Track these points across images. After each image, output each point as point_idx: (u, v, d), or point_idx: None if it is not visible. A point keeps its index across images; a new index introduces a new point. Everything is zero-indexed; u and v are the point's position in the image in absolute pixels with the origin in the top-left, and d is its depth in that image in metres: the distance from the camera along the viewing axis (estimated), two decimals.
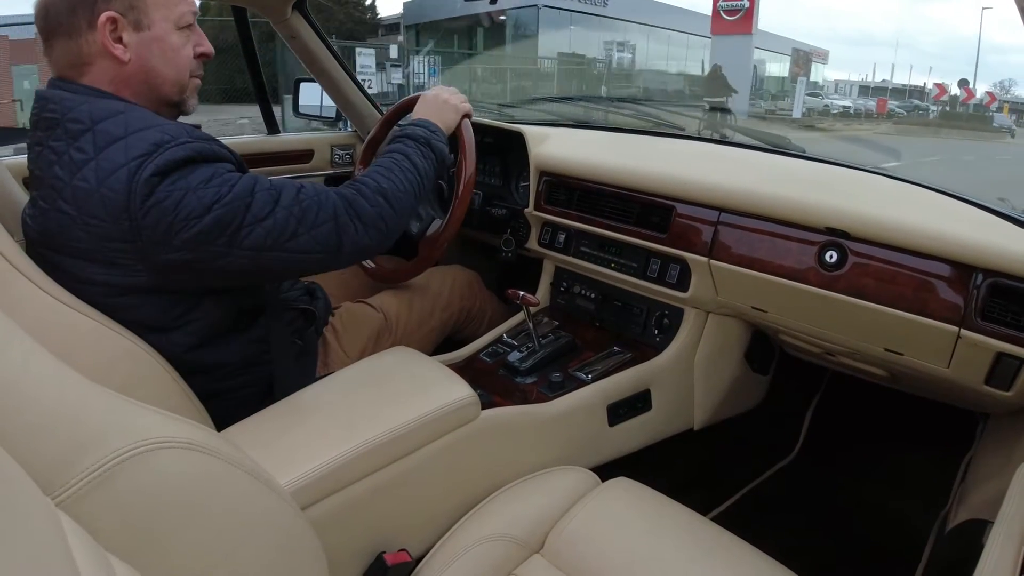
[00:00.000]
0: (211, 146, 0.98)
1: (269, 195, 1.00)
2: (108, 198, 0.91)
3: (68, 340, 0.92)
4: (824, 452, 1.90)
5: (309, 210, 1.03)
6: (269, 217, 0.99)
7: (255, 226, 0.98)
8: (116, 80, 1.00)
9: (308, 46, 1.88)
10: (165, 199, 0.91)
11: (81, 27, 0.96)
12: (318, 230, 1.04)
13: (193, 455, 0.59)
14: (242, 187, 0.98)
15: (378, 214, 1.12)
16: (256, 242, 0.98)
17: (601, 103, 2.25)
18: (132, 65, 1.00)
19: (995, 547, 0.66)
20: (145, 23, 1.00)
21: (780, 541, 1.11)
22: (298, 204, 1.02)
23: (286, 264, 1.03)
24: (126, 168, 0.91)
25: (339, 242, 1.06)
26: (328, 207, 1.06)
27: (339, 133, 2.24)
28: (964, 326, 1.10)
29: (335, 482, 0.94)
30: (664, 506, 1.11)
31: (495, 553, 1.01)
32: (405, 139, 1.28)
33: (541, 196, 1.73)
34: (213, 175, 0.96)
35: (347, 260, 1.12)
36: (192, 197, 0.93)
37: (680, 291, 1.49)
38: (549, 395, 1.35)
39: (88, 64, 0.98)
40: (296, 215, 1.02)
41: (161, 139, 0.93)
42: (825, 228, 1.24)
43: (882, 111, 25.63)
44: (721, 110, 5.43)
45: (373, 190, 1.13)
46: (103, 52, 0.98)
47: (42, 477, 0.47)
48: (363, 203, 1.11)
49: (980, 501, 1.18)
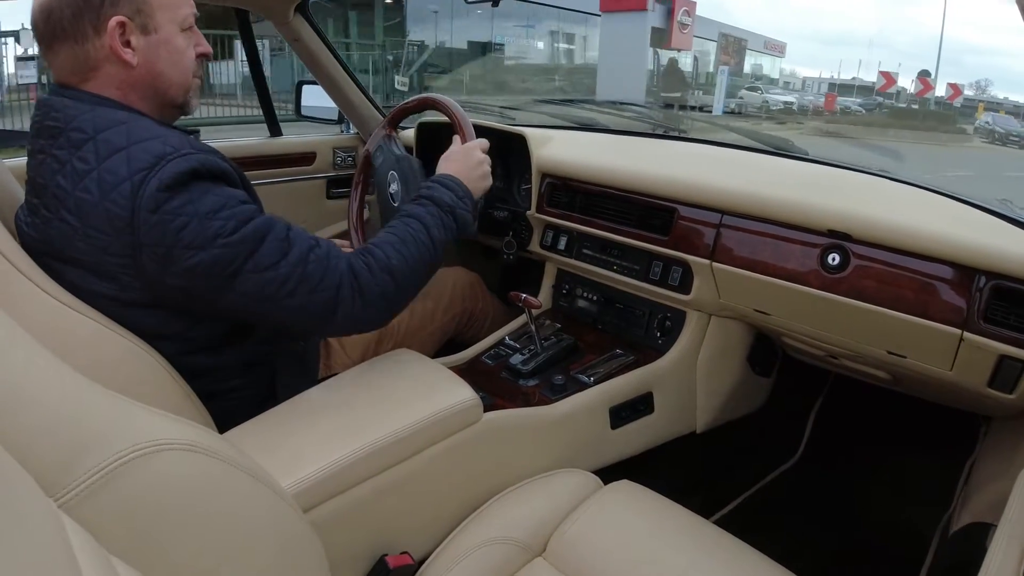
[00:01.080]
0: (214, 159, 0.96)
1: (278, 247, 0.97)
2: (112, 212, 0.90)
3: (70, 341, 0.92)
4: (827, 455, 1.90)
5: (314, 274, 0.99)
6: (271, 269, 0.96)
7: (254, 275, 0.95)
8: (123, 85, 0.99)
9: (310, 48, 1.88)
10: (171, 221, 0.90)
11: (87, 32, 0.95)
12: (317, 295, 1.00)
13: (195, 457, 0.59)
14: (252, 230, 0.95)
15: (382, 292, 1.06)
16: (251, 290, 0.95)
17: (604, 106, 2.24)
18: (140, 69, 0.98)
19: (998, 551, 0.66)
20: (151, 26, 0.99)
21: (782, 544, 1.11)
22: (304, 265, 0.98)
23: (275, 318, 1.01)
24: (129, 182, 0.89)
25: (334, 313, 1.02)
26: (334, 276, 1.01)
27: (341, 136, 2.24)
28: (967, 329, 1.10)
29: (337, 485, 0.94)
30: (666, 509, 1.11)
31: (497, 556, 1.01)
32: (429, 203, 1.17)
33: (543, 198, 1.73)
34: (224, 206, 0.93)
35: (338, 331, 1.09)
36: (197, 226, 0.90)
37: (682, 294, 1.49)
38: (551, 398, 1.35)
39: (95, 69, 0.97)
40: (299, 275, 0.98)
41: (163, 151, 0.91)
42: (827, 230, 1.24)
43: (830, 108, 24.11)
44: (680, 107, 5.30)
45: (382, 267, 1.07)
46: (111, 57, 0.96)
47: (44, 478, 0.47)
48: (369, 279, 1.05)
49: (983, 505, 1.17)
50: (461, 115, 1.41)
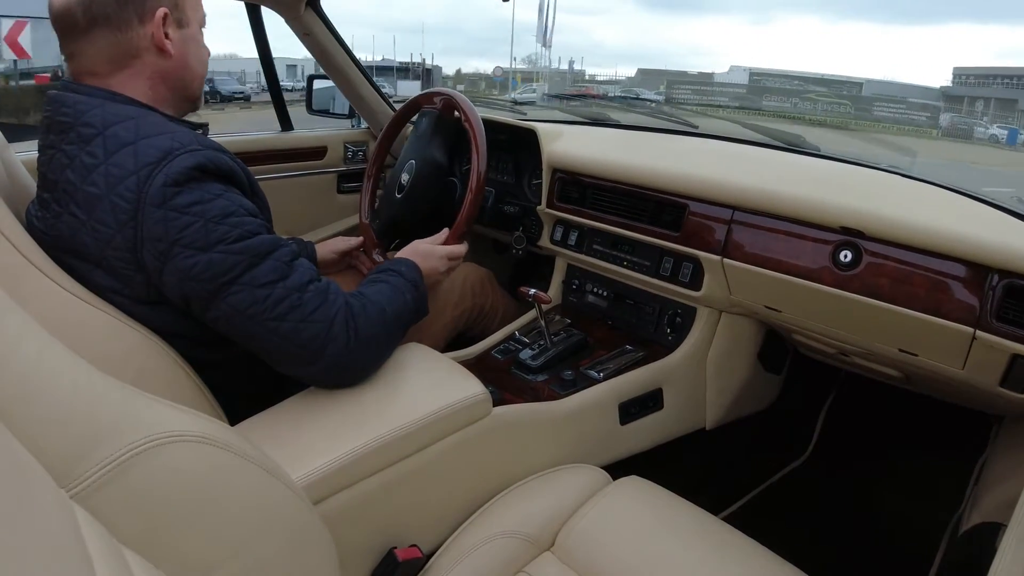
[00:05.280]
0: (221, 157, 0.97)
1: (279, 268, 0.96)
2: (118, 205, 0.91)
3: (82, 334, 0.93)
4: (837, 453, 1.89)
5: (309, 303, 0.97)
6: (266, 288, 0.94)
7: (248, 289, 0.93)
8: (155, 75, 1.01)
9: (322, 43, 1.88)
10: (177, 218, 0.90)
11: (131, 20, 0.97)
12: (308, 326, 0.97)
13: (207, 449, 0.59)
14: (256, 244, 0.95)
15: (374, 335, 1.05)
16: (241, 304, 0.94)
17: (614, 100, 2.24)
18: (175, 60, 1.02)
19: (1008, 550, 0.66)
20: (184, 20, 1.03)
21: (791, 542, 1.11)
22: (301, 292, 0.97)
23: (259, 340, 0.98)
24: (136, 176, 0.90)
25: (323, 349, 0.99)
26: (330, 310, 0.99)
27: (352, 130, 2.25)
28: (979, 327, 1.09)
29: (347, 477, 0.94)
30: (675, 505, 1.11)
31: (506, 550, 1.01)
32: (396, 275, 1.19)
33: (553, 194, 1.72)
34: (233, 213, 0.93)
35: (319, 371, 1.02)
36: (201, 227, 0.91)
37: (693, 290, 1.49)
38: (560, 393, 1.35)
39: (134, 58, 0.99)
40: (293, 300, 0.96)
41: (171, 146, 0.92)
42: (840, 227, 1.23)
43: None
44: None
45: (377, 309, 1.07)
46: (151, 47, 0.99)
47: (56, 469, 0.47)
48: (365, 320, 1.04)
49: (994, 504, 1.17)
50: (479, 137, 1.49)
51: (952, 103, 38.77)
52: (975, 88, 42.77)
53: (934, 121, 30.08)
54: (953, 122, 31.56)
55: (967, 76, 45.68)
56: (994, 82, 43.03)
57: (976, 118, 33.60)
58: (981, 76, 44.70)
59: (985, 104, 38.11)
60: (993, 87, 42.04)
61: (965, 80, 45.34)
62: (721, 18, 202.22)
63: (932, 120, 30.19)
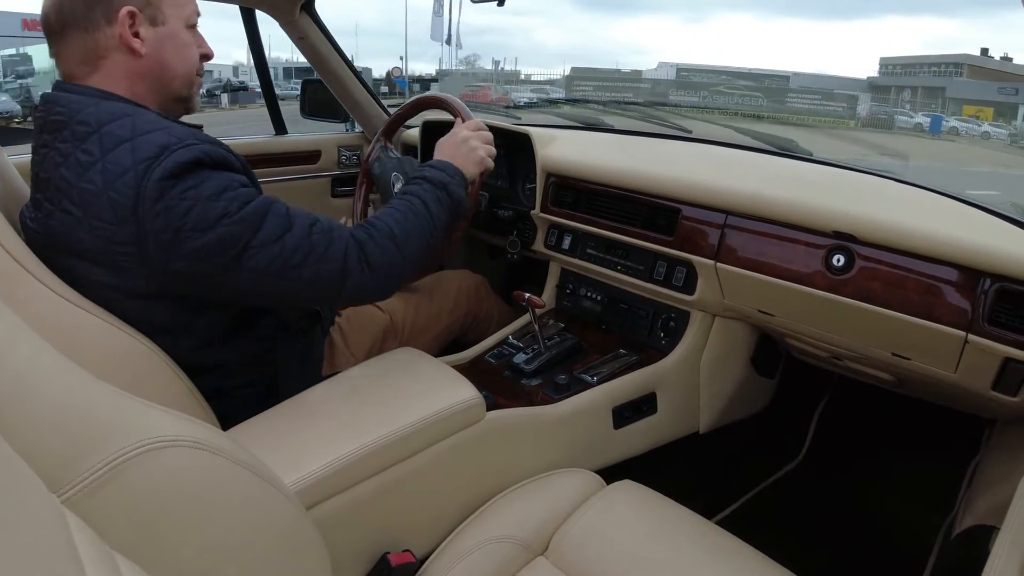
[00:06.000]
0: (218, 150, 0.98)
1: (281, 221, 1.00)
2: (116, 201, 0.91)
3: (75, 338, 0.92)
4: (830, 457, 1.89)
5: (319, 244, 1.02)
6: (277, 243, 0.98)
7: (261, 249, 0.97)
8: (130, 74, 1.01)
9: (316, 47, 1.89)
10: (175, 206, 0.91)
11: (99, 21, 0.98)
12: (324, 266, 1.02)
13: (199, 454, 0.59)
14: (254, 209, 0.97)
15: (388, 261, 1.09)
16: (260, 265, 0.97)
17: (608, 105, 2.25)
18: (147, 59, 1.02)
19: (1001, 553, 0.66)
20: (160, 19, 1.03)
21: (785, 545, 1.11)
22: (308, 237, 1.01)
23: (285, 293, 1.02)
24: (134, 171, 0.91)
25: (342, 283, 1.04)
26: (339, 247, 1.04)
27: (346, 134, 2.25)
28: (971, 331, 1.10)
29: (340, 482, 0.94)
30: (669, 509, 1.11)
31: (499, 555, 1.01)
32: (422, 181, 1.22)
33: (547, 198, 1.73)
34: (225, 188, 0.95)
35: (346, 301, 1.11)
36: (200, 208, 0.92)
37: (686, 294, 1.49)
38: (554, 397, 1.35)
39: (103, 58, 1.00)
40: (305, 247, 1.00)
41: (168, 142, 0.93)
42: (832, 232, 1.23)
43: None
44: None
45: (385, 235, 1.10)
46: (120, 46, 1.00)
47: (48, 475, 0.47)
48: (374, 248, 1.08)
49: (986, 507, 1.17)
50: (455, 100, 1.49)
51: (880, 93, 38.69)
52: (902, 77, 42.79)
53: (851, 111, 29.76)
54: (872, 111, 31.04)
55: (893, 66, 45.76)
56: (921, 70, 43.19)
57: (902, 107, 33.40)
58: (907, 65, 44.86)
59: (913, 93, 38.12)
60: (920, 75, 42.19)
61: (892, 70, 45.45)
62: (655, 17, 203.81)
63: (849, 110, 29.89)
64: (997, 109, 31.38)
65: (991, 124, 28.01)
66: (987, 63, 41.32)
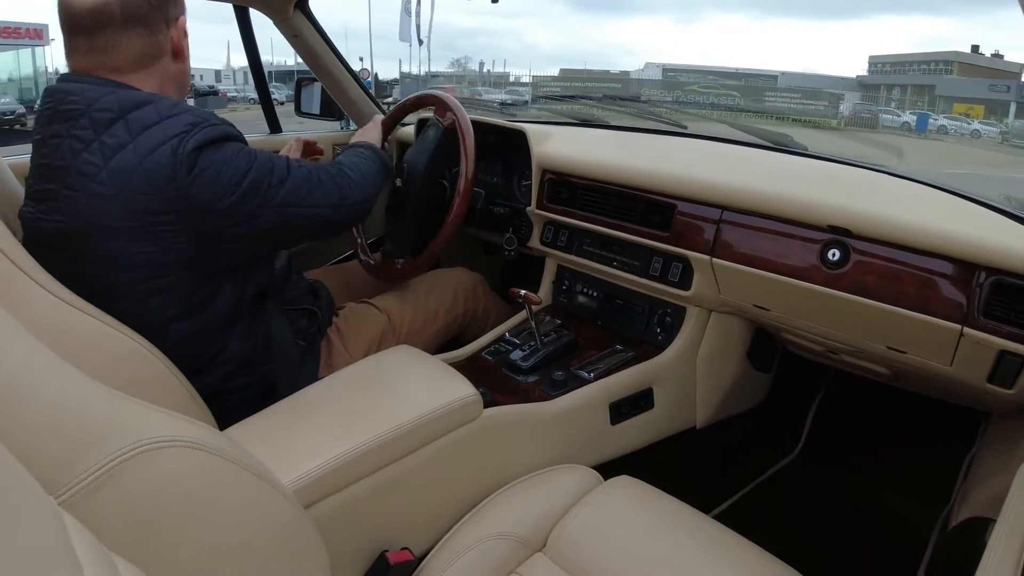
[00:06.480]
0: (234, 130, 1.09)
1: (281, 162, 1.13)
2: (153, 171, 0.96)
3: (71, 340, 0.92)
4: (826, 450, 1.90)
5: (312, 173, 1.17)
6: (288, 179, 1.11)
7: (279, 187, 1.10)
8: (168, 77, 1.09)
9: (310, 45, 1.88)
10: (207, 169, 1.00)
11: (160, 24, 1.05)
12: (323, 188, 1.18)
13: (197, 454, 0.59)
14: (263, 157, 1.09)
15: (358, 180, 1.27)
16: (283, 199, 1.10)
17: (603, 102, 2.25)
18: (184, 64, 1.12)
19: (997, 545, 0.66)
20: (186, 29, 1.12)
21: (782, 539, 1.11)
22: (300, 170, 1.15)
23: (304, 219, 1.15)
24: (168, 144, 0.97)
25: (340, 196, 1.21)
26: (323, 172, 1.20)
27: (341, 132, 2.24)
28: (967, 324, 1.10)
29: (338, 481, 0.94)
30: (666, 504, 1.11)
31: (497, 551, 1.01)
32: (354, 148, 1.43)
33: (543, 195, 1.73)
34: (240, 150, 1.06)
35: (349, 212, 1.25)
36: (229, 168, 1.02)
37: (682, 289, 1.49)
38: (551, 394, 1.35)
39: (156, 59, 1.07)
40: (304, 176, 1.15)
41: (196, 120, 1.01)
42: (828, 226, 1.24)
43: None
44: None
45: (346, 166, 1.28)
46: (169, 51, 1.08)
47: (45, 476, 0.47)
48: (344, 170, 1.26)
49: (982, 499, 1.17)
50: (448, 99, 1.59)
51: (869, 91, 38.59)
52: (891, 76, 42.72)
53: (834, 110, 29.53)
54: (855, 110, 30.91)
55: (883, 64, 45.75)
56: (910, 68, 43.15)
57: (891, 105, 33.21)
58: (896, 63, 44.93)
59: (902, 91, 38.09)
60: (909, 73, 42.16)
61: (881, 68, 45.45)
62: (647, 17, 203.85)
63: (832, 109, 29.71)
64: (988, 107, 31.34)
65: (981, 122, 27.89)
66: (978, 60, 41.29)
